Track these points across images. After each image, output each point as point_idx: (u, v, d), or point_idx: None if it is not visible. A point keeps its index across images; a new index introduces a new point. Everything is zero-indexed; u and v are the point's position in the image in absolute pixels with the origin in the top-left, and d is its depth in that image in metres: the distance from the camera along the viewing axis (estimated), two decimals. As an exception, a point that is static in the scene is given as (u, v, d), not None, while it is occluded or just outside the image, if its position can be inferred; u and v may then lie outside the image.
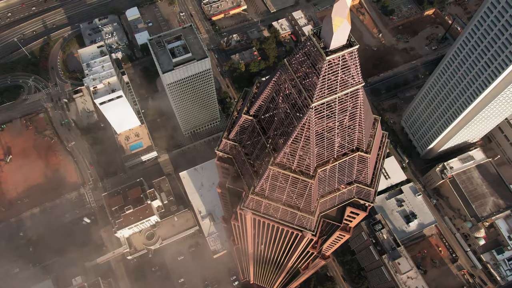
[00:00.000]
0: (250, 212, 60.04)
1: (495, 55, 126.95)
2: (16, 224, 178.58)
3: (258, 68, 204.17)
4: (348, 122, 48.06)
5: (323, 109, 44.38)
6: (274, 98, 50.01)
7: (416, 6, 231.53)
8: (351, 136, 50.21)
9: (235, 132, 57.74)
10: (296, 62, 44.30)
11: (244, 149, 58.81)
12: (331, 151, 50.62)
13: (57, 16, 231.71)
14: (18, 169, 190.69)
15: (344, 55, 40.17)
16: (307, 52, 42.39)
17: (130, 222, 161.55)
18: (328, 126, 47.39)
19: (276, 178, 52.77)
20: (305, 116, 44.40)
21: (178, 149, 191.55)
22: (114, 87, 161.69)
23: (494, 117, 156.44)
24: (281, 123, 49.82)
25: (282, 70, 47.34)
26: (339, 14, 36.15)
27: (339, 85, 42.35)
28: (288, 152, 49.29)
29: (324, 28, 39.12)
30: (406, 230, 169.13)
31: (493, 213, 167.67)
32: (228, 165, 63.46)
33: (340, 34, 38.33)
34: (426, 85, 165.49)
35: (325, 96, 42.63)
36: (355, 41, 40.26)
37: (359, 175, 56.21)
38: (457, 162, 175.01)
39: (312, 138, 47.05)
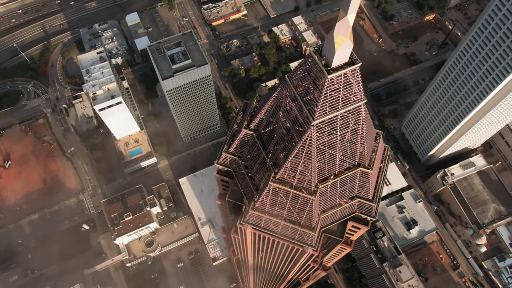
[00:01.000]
0: (250, 227, 59.19)
1: (496, 63, 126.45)
2: (15, 231, 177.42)
3: (258, 74, 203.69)
4: (350, 138, 47.34)
5: (325, 125, 43.67)
6: (274, 113, 49.30)
7: (416, 11, 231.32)
8: (353, 152, 49.48)
9: (235, 146, 56.96)
10: (297, 78, 43.62)
11: (244, 163, 58.02)
12: (332, 167, 49.87)
13: (57, 21, 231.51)
14: (17, 175, 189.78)
15: (346, 73, 39.46)
16: (309, 69, 41.71)
17: (129, 229, 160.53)
18: (329, 142, 46.65)
19: (277, 193, 51.98)
20: (306, 133, 43.67)
21: (177, 155, 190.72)
22: (113, 93, 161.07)
23: (495, 123, 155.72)
24: (281, 139, 49.07)
25: (283, 86, 46.65)
26: (341, 33, 35.49)
27: (341, 102, 41.66)
28: (289, 168, 48.54)
29: (326, 45, 38.44)
30: (407, 237, 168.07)
31: (495, 220, 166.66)
32: (228, 178, 62.62)
33: (342, 52, 37.65)
34: (427, 91, 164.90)
35: (326, 113, 41.93)
36: (357, 58, 39.59)
37: (361, 190, 55.43)
38: (458, 169, 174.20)
39: (314, 154, 46.30)
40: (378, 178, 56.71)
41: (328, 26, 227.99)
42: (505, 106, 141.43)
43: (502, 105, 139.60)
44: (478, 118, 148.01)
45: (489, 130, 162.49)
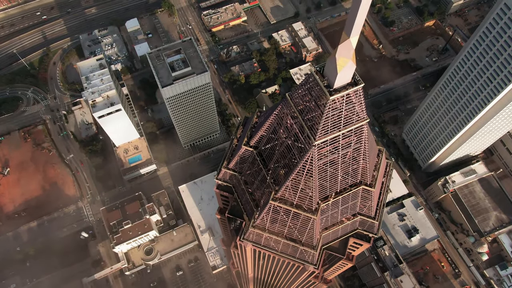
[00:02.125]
0: (250, 244, 58.22)
1: (498, 71, 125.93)
2: (13, 238, 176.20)
3: (258, 80, 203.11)
4: (352, 157, 46.47)
5: (326, 145, 42.83)
6: (275, 130, 48.48)
7: (416, 17, 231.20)
8: (355, 170, 48.62)
9: (235, 162, 56.08)
10: (299, 97, 42.81)
11: (244, 179, 57.10)
12: (334, 185, 49.00)
13: (57, 27, 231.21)
14: (16, 182, 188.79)
15: (349, 93, 38.67)
16: (310, 89, 40.94)
17: (129, 237, 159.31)
18: (331, 161, 45.79)
19: (277, 212, 51.06)
20: (307, 153, 42.82)
21: (177, 162, 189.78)
22: (113, 100, 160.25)
23: (497, 130, 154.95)
24: (282, 156, 48.23)
25: (283, 104, 45.85)
26: (344, 55, 34.68)
27: (343, 122, 40.85)
28: (290, 186, 47.66)
29: (327, 66, 37.66)
30: (408, 245, 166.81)
31: (496, 228, 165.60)
32: (227, 193, 61.70)
33: (345, 74, 36.86)
34: (427, 98, 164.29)
35: (328, 133, 41.10)
36: (360, 79, 38.77)
37: (363, 207, 54.51)
38: (459, 176, 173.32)
39: (315, 173, 45.44)
40: (381, 195, 55.81)
41: (328, 32, 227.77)
42: (507, 114, 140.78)
43: (503, 113, 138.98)
44: (479, 126, 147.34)
45: (490, 137, 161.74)
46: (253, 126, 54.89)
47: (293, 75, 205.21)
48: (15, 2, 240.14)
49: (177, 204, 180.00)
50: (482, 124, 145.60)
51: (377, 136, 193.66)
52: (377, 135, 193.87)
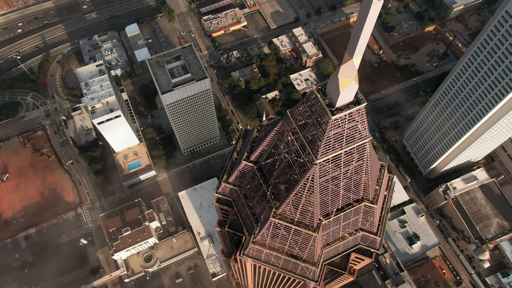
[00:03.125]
0: (250, 259, 57.35)
1: (499, 78, 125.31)
2: (12, 245, 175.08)
3: (258, 86, 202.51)
4: (354, 174, 45.67)
5: (328, 163, 42.05)
6: (276, 147, 47.73)
7: (416, 23, 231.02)
8: (357, 186, 47.82)
9: (235, 176, 55.26)
10: (300, 115, 42.07)
11: (244, 193, 56.28)
12: (336, 202, 48.17)
13: (57, 32, 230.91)
14: (15, 188, 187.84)
15: (351, 112, 37.93)
16: (311, 106, 40.21)
17: (128, 245, 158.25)
18: (333, 178, 44.99)
19: (278, 229, 50.23)
20: (309, 171, 42.03)
21: (177, 168, 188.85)
22: (112, 106, 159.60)
23: (499, 137, 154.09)
24: (283, 173, 47.45)
25: (284, 121, 45.10)
26: (346, 75, 33.96)
27: (345, 140, 40.11)
28: (291, 203, 46.84)
29: (329, 85, 36.95)
30: (409, 252, 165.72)
31: (498, 235, 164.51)
32: (227, 207, 60.86)
33: (347, 93, 36.13)
34: (428, 104, 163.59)
35: (330, 152, 40.34)
36: (363, 98, 38.04)
37: (365, 223, 53.65)
38: (460, 182, 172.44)
39: (316, 191, 44.66)
40: (383, 210, 54.97)
41: (328, 37, 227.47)
42: (508, 121, 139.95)
43: (505, 120, 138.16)
44: (481, 133, 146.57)
45: (491, 144, 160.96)
46: (253, 141, 54.10)
47: (293, 81, 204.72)
48: (15, 7, 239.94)
49: (177, 210, 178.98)
50: (484, 131, 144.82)
51: (378, 142, 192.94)
52: (378, 141, 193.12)
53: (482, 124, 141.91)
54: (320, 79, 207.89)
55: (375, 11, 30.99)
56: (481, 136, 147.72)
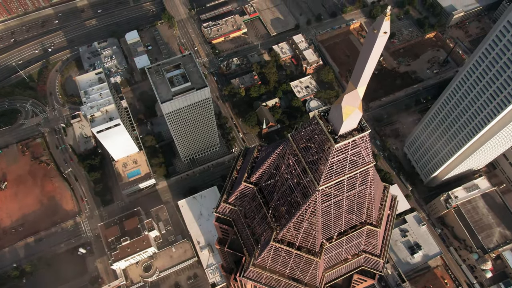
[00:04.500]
0: (250, 281, 56.13)
1: (501, 88, 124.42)
2: (10, 254, 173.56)
3: (258, 93, 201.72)
4: (357, 198, 44.57)
5: (331, 189, 40.99)
6: (276, 170, 46.69)
7: (417, 29, 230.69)
8: (360, 210, 46.72)
9: (235, 197, 54.13)
10: (301, 138, 41.03)
11: (244, 213, 55.15)
12: (338, 226, 47.04)
13: (56, 39, 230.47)
14: (13, 196, 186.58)
15: (355, 140, 36.91)
16: (313, 131, 39.19)
17: (127, 254, 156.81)
18: (335, 203, 43.90)
19: (279, 253, 49.07)
20: (311, 197, 40.94)
21: (176, 176, 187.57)
22: (111, 115, 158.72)
23: (501, 146, 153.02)
24: (284, 196, 46.32)
25: (285, 145, 44.08)
26: (350, 104, 32.97)
27: (348, 167, 39.09)
28: (292, 228, 45.72)
29: (332, 113, 35.96)
30: (411, 261, 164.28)
31: (500, 244, 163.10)
32: (227, 226, 59.70)
33: (351, 121, 35.12)
34: (429, 112, 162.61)
35: (332, 179, 39.29)
36: (367, 125, 37.01)
37: (367, 245, 52.48)
38: (462, 191, 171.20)
39: (318, 216, 43.55)
40: (386, 230, 53.81)
41: (328, 44, 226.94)
42: (511, 130, 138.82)
43: (507, 129, 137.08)
44: (483, 142, 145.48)
45: (494, 152, 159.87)
46: (253, 161, 53.03)
47: (293, 88, 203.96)
48: (15, 14, 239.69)
49: (176, 219, 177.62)
50: (486, 140, 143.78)
51: (378, 149, 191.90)
52: (378, 149, 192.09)
53: (485, 133, 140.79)
54: (320, 87, 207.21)
55: (381, 44, 30.06)
56: (484, 145, 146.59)
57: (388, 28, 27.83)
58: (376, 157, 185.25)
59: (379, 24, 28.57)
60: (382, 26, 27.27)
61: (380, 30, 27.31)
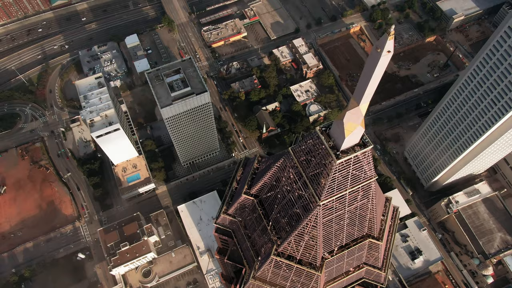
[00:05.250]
0: (251, 294, 55.44)
1: (502, 94, 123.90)
2: (8, 259, 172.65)
3: (258, 97, 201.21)
4: (359, 212, 43.92)
5: (332, 203, 40.36)
6: (277, 182, 46.05)
7: (417, 33, 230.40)
8: (361, 223, 46.04)
9: (234, 208, 53.47)
10: (302, 152, 40.43)
11: (244, 225, 54.47)
12: (339, 240, 46.38)
13: (56, 42, 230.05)
14: (12, 200, 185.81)
15: (357, 155, 36.30)
16: (315, 146, 38.59)
17: (126, 260, 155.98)
18: (337, 217, 43.25)
19: (279, 266, 48.37)
20: (312, 212, 40.30)
21: (176, 181, 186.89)
22: (111, 119, 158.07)
23: (502, 150, 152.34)
24: (285, 210, 45.65)
25: (286, 158, 43.47)
26: (352, 120, 32.39)
27: (350, 181, 38.46)
28: (293, 242, 45.06)
29: (334, 128, 35.38)
30: (412, 267, 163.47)
31: (501, 249, 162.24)
32: (227, 237, 59.01)
33: (353, 137, 34.53)
34: (430, 117, 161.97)
35: (334, 193, 38.67)
36: (369, 141, 36.43)
37: (369, 258, 51.79)
38: (463, 196, 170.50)
39: (320, 231, 42.89)
40: (388, 242, 53.12)
41: (328, 47, 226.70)
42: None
43: (508, 135, 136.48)
44: (484, 147, 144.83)
45: (495, 157, 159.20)
46: (253, 172, 52.39)
47: (293, 92, 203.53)
48: (14, 18, 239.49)
49: (176, 224, 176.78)
50: (487, 145, 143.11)
51: (379, 154, 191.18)
52: (379, 153, 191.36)
53: (486, 138, 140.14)
54: (320, 91, 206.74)
55: (384, 63, 29.49)
56: (485, 150, 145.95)
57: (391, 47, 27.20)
58: (377, 162, 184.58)
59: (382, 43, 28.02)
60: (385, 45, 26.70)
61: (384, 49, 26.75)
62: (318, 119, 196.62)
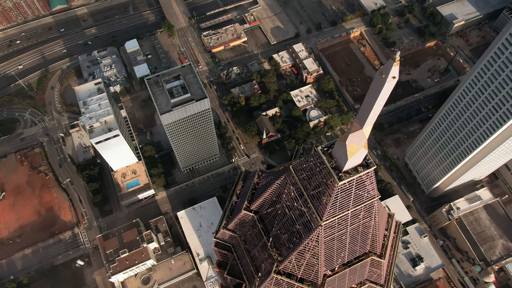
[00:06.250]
0: (251, 310, 54.58)
1: (503, 101, 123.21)
2: (7, 266, 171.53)
3: (258, 102, 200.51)
4: (361, 230, 43.13)
5: (334, 223, 39.58)
6: (278, 199, 45.28)
7: (417, 38, 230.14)
8: (364, 241, 45.23)
9: (234, 223, 52.65)
10: (304, 171, 39.68)
11: (244, 240, 53.61)
12: (341, 258, 45.57)
13: (56, 47, 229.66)
14: (11, 206, 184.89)
15: (360, 176, 35.55)
16: (316, 166, 37.84)
17: (125, 267, 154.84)
18: (339, 235, 42.46)
19: (280, 284, 47.52)
20: (313, 231, 39.51)
21: (176, 186, 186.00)
22: (110, 125, 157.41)
23: (504, 157, 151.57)
24: (285, 227, 44.84)
25: (287, 175, 42.69)
26: (355, 143, 31.67)
27: (353, 202, 37.67)
28: (294, 260, 44.24)
29: (336, 149, 34.65)
30: (413, 274, 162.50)
31: (503, 256, 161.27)
32: (227, 252, 58.15)
33: (356, 158, 33.80)
34: (431, 123, 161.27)
35: (336, 213, 37.90)
36: (372, 161, 35.68)
37: (371, 275, 50.95)
38: (464, 202, 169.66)
39: (321, 250, 42.07)
40: (391, 258, 52.27)
41: (328, 52, 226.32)
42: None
43: (510, 141, 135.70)
44: (486, 153, 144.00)
45: (496, 163, 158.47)
46: (253, 187, 51.59)
47: (293, 97, 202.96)
48: (14, 22, 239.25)
49: (176, 230, 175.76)
50: (489, 151, 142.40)
51: (379, 159, 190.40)
52: (379, 159, 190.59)
53: (488, 144, 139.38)
54: (320, 96, 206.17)
55: (389, 88, 28.82)
56: (487, 156, 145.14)
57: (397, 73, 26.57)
58: (377, 167, 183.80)
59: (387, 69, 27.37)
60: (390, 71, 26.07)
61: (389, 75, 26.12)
62: (319, 124, 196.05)
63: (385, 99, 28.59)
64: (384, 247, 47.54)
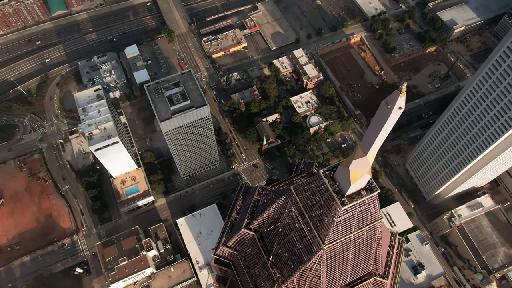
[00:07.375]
0: (251, 329, 53.57)
1: (505, 108, 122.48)
2: (5, 274, 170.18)
3: (258, 108, 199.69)
4: (363, 251, 42.19)
5: (336, 246, 38.64)
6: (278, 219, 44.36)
7: (417, 43, 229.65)
8: (367, 262, 44.28)
9: (234, 241, 51.70)
10: (305, 193, 38.77)
11: (244, 258, 52.64)
12: (343, 279, 44.60)
13: (56, 53, 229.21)
14: (10, 213, 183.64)
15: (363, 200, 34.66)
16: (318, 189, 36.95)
17: (124, 275, 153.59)
18: (341, 257, 41.49)
19: (281, 305, 46.59)
20: (315, 254, 38.56)
21: (175, 193, 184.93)
22: (110, 132, 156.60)
23: (505, 164, 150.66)
24: (286, 247, 43.89)
25: (288, 196, 41.80)
26: (359, 169, 30.82)
27: (356, 225, 36.75)
28: (295, 282, 43.27)
29: (339, 174, 33.81)
30: (414, 282, 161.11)
31: (505, 264, 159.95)
32: (226, 268, 57.14)
33: (359, 184, 32.92)
34: (432, 130, 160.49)
35: (338, 237, 36.97)
36: (376, 185, 34.80)
37: (374, 294, 50.03)
38: (465, 210, 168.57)
39: (323, 271, 41.12)
40: (394, 276, 51.28)
41: (328, 58, 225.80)
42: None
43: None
44: (487, 161, 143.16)
45: (498, 170, 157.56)
46: (254, 205, 50.69)
47: (294, 103, 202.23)
48: (14, 28, 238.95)
49: (175, 237, 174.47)
50: (491, 159, 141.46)
51: (380, 166, 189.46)
52: (380, 165, 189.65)
53: (489, 152, 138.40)
54: (321, 102, 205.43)
55: (394, 119, 27.98)
56: (489, 163, 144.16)
57: (403, 103, 25.73)
58: (378, 174, 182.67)
59: (393, 99, 26.61)
60: (397, 102, 25.25)
61: (395, 105, 25.31)
62: (319, 130, 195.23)
63: (390, 128, 27.82)
64: (388, 265, 46.63)
